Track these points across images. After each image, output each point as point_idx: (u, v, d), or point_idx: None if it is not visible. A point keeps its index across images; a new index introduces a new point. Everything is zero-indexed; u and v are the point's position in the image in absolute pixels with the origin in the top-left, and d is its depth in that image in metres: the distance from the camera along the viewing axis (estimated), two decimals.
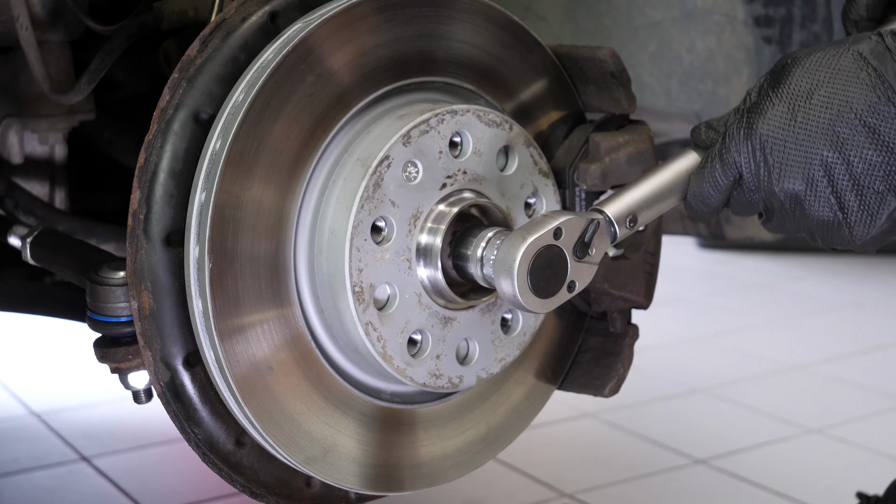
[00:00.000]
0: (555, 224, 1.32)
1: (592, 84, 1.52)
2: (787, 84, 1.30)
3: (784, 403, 3.30)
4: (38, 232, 1.59)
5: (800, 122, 1.28)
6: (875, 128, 1.26)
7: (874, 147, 1.26)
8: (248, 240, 1.29)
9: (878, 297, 4.54)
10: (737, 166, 1.32)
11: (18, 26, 1.66)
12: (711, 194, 1.35)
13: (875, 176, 1.27)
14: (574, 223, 1.34)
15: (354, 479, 1.40)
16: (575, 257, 1.34)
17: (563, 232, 1.33)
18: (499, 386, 1.52)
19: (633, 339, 1.57)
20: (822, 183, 1.28)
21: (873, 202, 1.28)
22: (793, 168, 1.29)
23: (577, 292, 1.36)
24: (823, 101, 1.27)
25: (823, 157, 1.27)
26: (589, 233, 1.34)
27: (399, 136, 1.32)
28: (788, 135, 1.29)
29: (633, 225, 1.37)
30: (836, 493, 2.54)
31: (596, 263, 1.36)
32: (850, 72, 1.27)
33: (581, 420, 3.14)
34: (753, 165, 1.31)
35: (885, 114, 1.25)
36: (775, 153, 1.29)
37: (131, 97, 2.07)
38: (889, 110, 1.25)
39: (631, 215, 1.37)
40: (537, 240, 1.31)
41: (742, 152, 1.31)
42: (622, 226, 1.36)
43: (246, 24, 1.34)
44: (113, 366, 1.37)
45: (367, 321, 1.32)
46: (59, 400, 3.25)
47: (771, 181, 1.31)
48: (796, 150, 1.28)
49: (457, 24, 1.41)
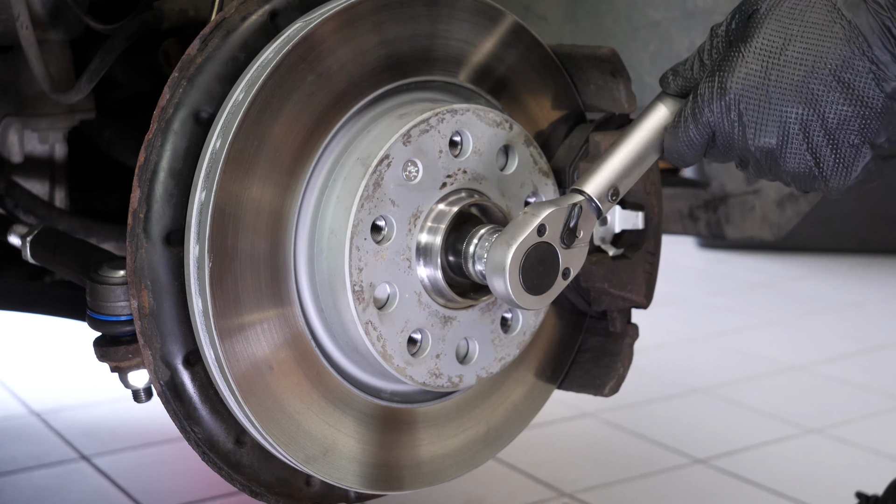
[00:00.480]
0: (537, 222, 1.31)
1: (593, 84, 1.52)
2: (758, 38, 1.28)
3: (784, 403, 3.30)
4: (38, 231, 1.59)
5: (773, 79, 1.26)
6: (849, 82, 1.24)
7: (848, 101, 1.25)
8: (248, 239, 1.29)
9: (878, 296, 4.54)
10: (710, 125, 1.30)
11: (18, 25, 1.66)
12: (686, 152, 1.33)
13: (849, 129, 1.25)
14: (556, 214, 1.33)
15: (354, 478, 1.40)
16: (563, 245, 1.34)
17: (546, 227, 1.32)
18: (499, 385, 1.52)
19: (632, 339, 1.57)
20: (797, 138, 1.27)
21: (848, 155, 1.27)
22: (767, 125, 1.27)
23: (573, 277, 1.36)
24: (796, 57, 1.25)
25: (797, 113, 1.26)
26: (573, 219, 1.34)
27: (399, 135, 1.32)
28: (762, 93, 1.27)
29: (615, 198, 1.36)
30: (836, 493, 2.54)
31: (586, 244, 1.36)
32: (823, 25, 1.25)
33: (581, 420, 3.14)
34: (727, 124, 1.29)
35: (859, 68, 1.24)
36: (749, 111, 1.28)
37: (131, 96, 2.07)
38: (863, 64, 1.23)
39: (611, 188, 1.36)
40: (523, 243, 1.31)
41: (715, 111, 1.29)
42: (605, 201, 1.35)
43: (246, 24, 1.34)
44: (113, 365, 1.37)
45: (366, 320, 1.32)
46: (58, 399, 3.25)
47: (745, 139, 1.29)
48: (770, 107, 1.27)
49: (457, 24, 1.41)
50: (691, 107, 1.32)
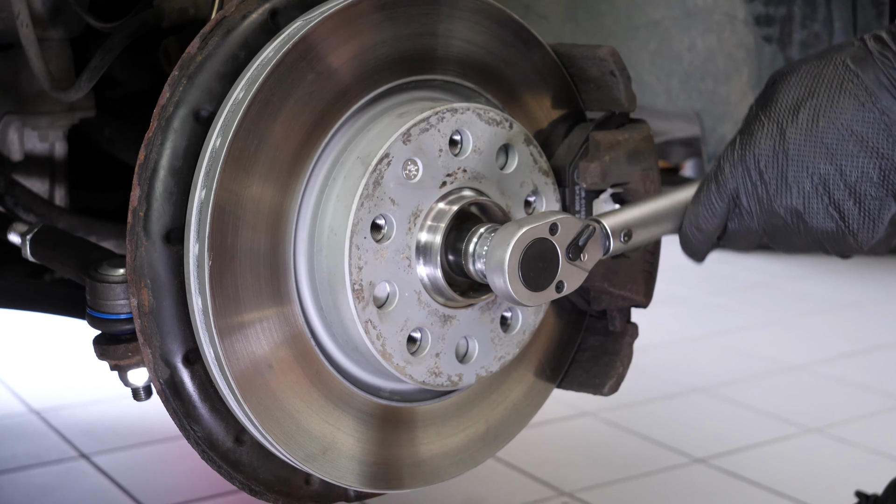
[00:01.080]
0: (552, 219, 1.33)
1: (593, 83, 1.52)
2: (774, 102, 1.31)
3: (783, 403, 3.30)
4: (37, 229, 1.59)
5: (789, 138, 1.29)
6: (863, 135, 1.26)
7: (865, 154, 1.26)
8: (248, 237, 1.29)
9: (877, 296, 4.54)
10: (732, 188, 1.33)
11: (19, 23, 1.66)
12: (707, 219, 1.36)
13: (870, 182, 1.27)
14: (571, 223, 1.35)
15: (354, 476, 1.40)
16: (567, 258, 1.35)
17: (559, 228, 1.34)
18: (498, 384, 1.52)
19: (632, 338, 1.57)
20: (820, 194, 1.29)
21: (873, 207, 1.28)
22: (789, 183, 1.29)
23: (564, 294, 1.36)
24: (810, 115, 1.28)
25: (817, 169, 1.28)
26: (584, 236, 1.35)
27: (399, 134, 1.32)
28: (780, 151, 1.29)
29: (627, 240, 1.38)
30: (836, 493, 2.54)
31: (586, 270, 1.37)
32: (834, 81, 1.27)
33: (580, 419, 3.15)
34: (750, 185, 1.32)
35: (871, 120, 1.25)
36: (769, 170, 1.30)
37: (131, 95, 2.07)
38: (874, 115, 1.25)
39: (626, 230, 1.38)
40: (533, 230, 1.32)
41: (737, 174, 1.32)
42: (616, 238, 1.37)
43: (246, 22, 1.34)
44: (112, 363, 1.37)
45: (366, 319, 1.32)
46: (58, 397, 3.25)
47: (770, 198, 1.31)
48: (789, 165, 1.29)
49: (457, 23, 1.41)
50: (714, 171, 1.35)
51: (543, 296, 1.35)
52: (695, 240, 1.38)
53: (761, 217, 1.33)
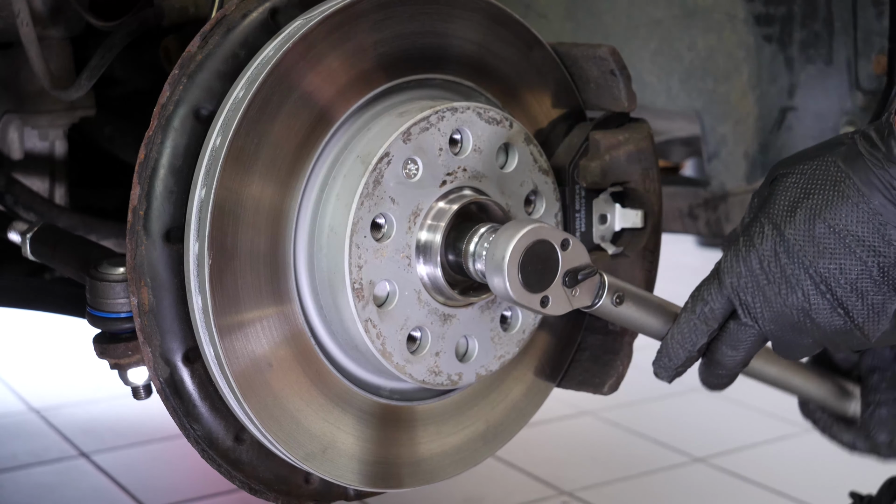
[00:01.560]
0: (568, 236, 1.34)
1: (593, 82, 1.52)
2: (772, 204, 1.32)
3: (783, 402, 3.28)
4: (37, 228, 1.59)
5: (788, 238, 1.30)
6: (858, 235, 1.28)
7: (864, 252, 1.28)
8: (248, 236, 1.29)
9: None
10: (733, 292, 1.34)
11: (19, 22, 1.66)
12: (702, 319, 1.37)
13: (871, 279, 1.29)
14: (580, 252, 1.35)
15: (353, 475, 1.40)
16: (564, 283, 1.35)
17: (570, 245, 1.34)
18: (498, 383, 1.52)
19: (632, 337, 1.57)
20: (823, 292, 1.30)
21: (876, 302, 1.30)
22: (792, 284, 1.30)
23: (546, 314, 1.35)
24: (807, 216, 1.29)
25: (818, 268, 1.29)
26: (585, 272, 1.35)
27: (399, 133, 1.32)
28: (781, 252, 1.30)
29: (618, 303, 1.39)
30: (835, 492, 2.54)
31: (570, 307, 1.37)
32: (828, 182, 1.29)
33: (580, 418, 3.15)
34: (753, 286, 1.32)
35: (865, 219, 1.27)
36: (772, 270, 1.31)
37: (132, 93, 2.07)
38: (867, 215, 1.27)
39: (620, 295, 1.39)
40: (544, 230, 1.31)
41: (737, 272, 1.33)
42: (610, 295, 1.38)
43: (246, 21, 1.34)
44: (112, 362, 1.37)
45: (366, 318, 1.32)
46: (58, 396, 3.25)
47: (776, 300, 1.31)
48: (791, 264, 1.30)
49: (457, 22, 1.41)
50: (714, 270, 1.36)
51: (531, 300, 1.34)
52: (675, 353, 1.39)
53: (766, 317, 1.33)
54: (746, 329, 1.35)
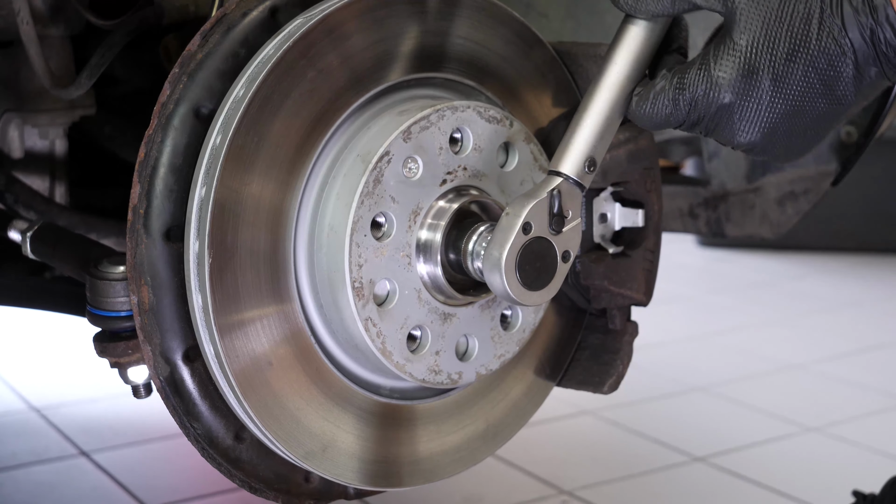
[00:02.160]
0: (519, 223, 1.31)
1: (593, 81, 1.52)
2: (746, 33, 1.27)
3: (783, 402, 3.30)
4: (38, 226, 1.59)
5: (763, 75, 1.27)
6: (831, 84, 1.26)
7: (828, 102, 1.26)
8: (248, 235, 1.29)
9: (877, 295, 4.54)
10: (692, 109, 1.29)
11: (19, 21, 1.66)
12: (655, 123, 1.32)
13: (821, 125, 1.28)
14: (538, 207, 1.32)
15: (353, 474, 1.40)
16: (554, 232, 1.34)
17: (532, 224, 1.32)
18: (498, 382, 1.52)
19: (632, 337, 1.57)
20: (780, 137, 1.29)
21: (808, 143, 1.30)
22: (756, 124, 1.28)
23: (574, 258, 1.35)
24: (783, 57, 1.26)
25: (783, 107, 1.27)
26: (556, 205, 1.33)
27: (399, 132, 1.32)
28: (754, 94, 1.27)
29: (592, 168, 1.34)
30: (835, 492, 2.54)
31: (579, 221, 1.35)
32: (808, 20, 1.25)
33: (580, 417, 3.15)
34: (713, 119, 1.29)
35: (843, 70, 1.25)
36: (740, 111, 1.28)
37: (132, 92, 2.07)
38: (847, 66, 1.24)
39: (587, 160, 1.34)
40: (512, 247, 1.30)
41: (701, 101, 1.29)
42: (583, 176, 1.34)
43: (247, 20, 1.34)
44: (112, 360, 1.37)
45: (366, 317, 1.32)
46: (58, 395, 3.25)
47: (733, 134, 1.29)
48: (761, 108, 1.28)
49: (458, 21, 1.41)
50: (674, 89, 1.30)
51: (555, 283, 1.34)
52: (641, 124, 1.34)
53: (713, 138, 1.32)
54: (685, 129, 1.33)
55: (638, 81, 1.34)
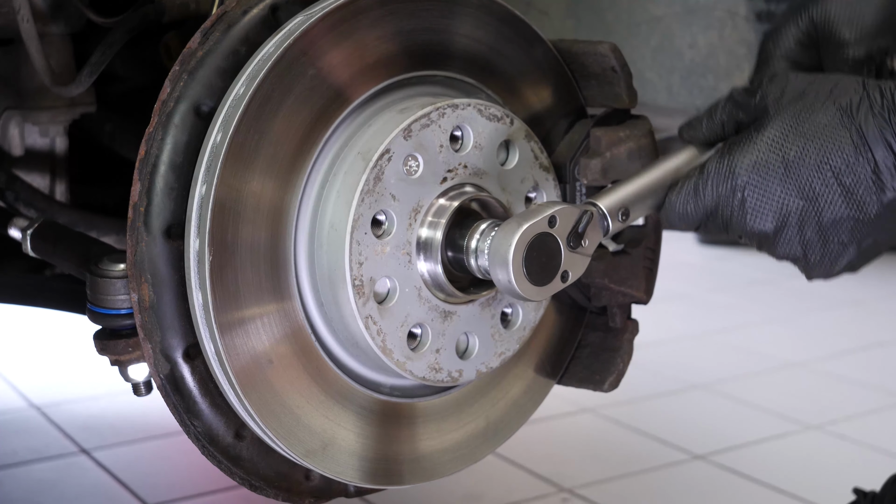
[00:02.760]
0: (550, 212, 1.33)
1: (594, 79, 1.52)
2: (770, 130, 1.32)
3: (783, 400, 3.30)
4: (38, 224, 1.59)
5: (779, 173, 1.31)
6: (849, 187, 1.29)
7: (846, 204, 1.29)
8: (249, 233, 1.29)
9: (877, 294, 4.55)
10: (711, 204, 1.35)
11: (20, 18, 1.66)
12: (679, 221, 1.38)
13: (842, 230, 1.31)
14: (568, 213, 1.35)
15: (353, 472, 1.40)
16: (569, 247, 1.35)
17: (557, 220, 1.34)
18: (498, 380, 1.52)
19: (632, 335, 1.57)
20: (793, 230, 1.32)
21: (835, 252, 1.32)
22: (767, 214, 1.32)
23: (570, 283, 1.37)
24: (803, 155, 1.30)
25: (797, 207, 1.31)
26: (582, 223, 1.35)
27: (400, 129, 1.32)
28: (767, 183, 1.31)
29: (625, 219, 1.39)
30: (835, 490, 2.54)
31: (589, 255, 1.37)
32: (831, 127, 1.29)
33: (580, 415, 3.15)
34: (729, 207, 1.34)
35: (861, 175, 1.28)
36: (752, 198, 1.32)
37: (132, 90, 2.07)
38: (865, 172, 1.28)
39: (623, 209, 1.39)
40: (533, 226, 1.31)
41: (719, 192, 1.34)
42: (615, 219, 1.38)
43: (247, 17, 1.34)
44: (113, 358, 1.37)
45: (366, 315, 1.32)
46: (58, 392, 3.25)
47: (745, 222, 1.34)
48: (773, 198, 1.32)
49: (458, 19, 1.41)
50: (695, 181, 1.36)
51: (549, 288, 1.35)
52: (666, 224, 1.41)
53: (731, 231, 1.36)
54: (712, 231, 1.38)
55: None
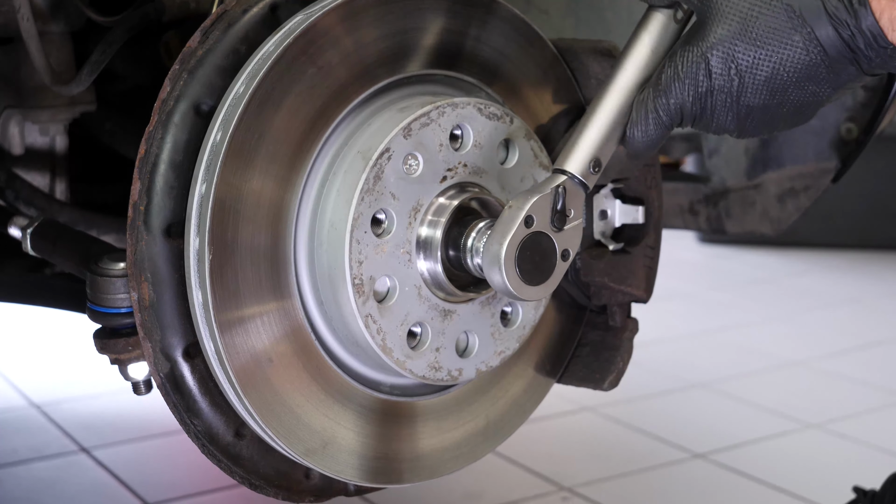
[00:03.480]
0: (522, 215, 1.31)
1: (594, 78, 1.52)
2: (718, 31, 1.26)
3: (783, 398, 3.30)
4: (38, 223, 1.59)
5: (736, 80, 1.27)
6: (807, 87, 1.26)
7: (805, 96, 1.27)
8: (249, 231, 1.29)
9: (877, 292, 4.55)
10: (670, 120, 1.30)
11: (20, 17, 1.66)
12: (647, 151, 1.33)
13: (805, 112, 1.29)
14: (541, 202, 1.32)
15: (353, 471, 1.40)
16: (555, 229, 1.34)
17: (534, 218, 1.32)
18: (498, 379, 1.52)
19: (632, 333, 1.57)
20: (756, 120, 1.30)
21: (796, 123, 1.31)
22: (729, 115, 1.29)
23: (574, 257, 1.35)
24: (756, 63, 1.26)
25: (759, 102, 1.27)
26: (559, 202, 1.34)
27: (400, 128, 1.32)
28: (728, 86, 1.27)
29: (597, 169, 1.35)
30: (835, 488, 2.54)
31: (580, 220, 1.35)
32: (783, 32, 1.24)
33: (580, 414, 3.15)
34: (691, 115, 1.30)
35: (819, 76, 1.25)
36: (717, 105, 1.29)
37: (132, 89, 2.07)
38: (822, 73, 1.25)
39: (592, 160, 1.34)
40: (512, 240, 1.30)
41: (682, 104, 1.30)
42: (588, 175, 1.34)
43: (247, 16, 1.34)
44: (113, 357, 1.37)
45: (366, 313, 1.32)
46: (58, 391, 3.25)
47: (711, 125, 1.31)
48: (735, 100, 1.28)
49: (457, 17, 1.41)
50: (653, 98, 1.31)
51: (552, 280, 1.34)
52: (639, 153, 1.35)
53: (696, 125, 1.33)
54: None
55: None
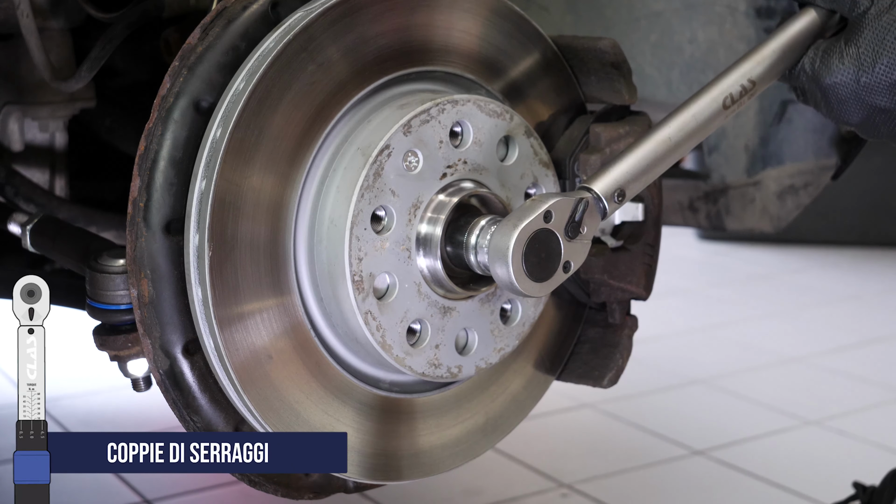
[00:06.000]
0: (544, 207, 1.32)
1: (593, 75, 1.52)
2: (857, 45, 1.41)
3: (783, 395, 3.30)
4: (38, 219, 1.59)
5: (862, 83, 1.41)
6: None
7: None
8: (248, 228, 1.29)
9: (877, 289, 4.55)
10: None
11: (19, 13, 1.66)
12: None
13: None
14: (563, 204, 1.34)
15: (353, 467, 1.40)
16: (567, 237, 1.34)
17: (553, 214, 1.33)
18: (498, 376, 1.52)
19: (631, 330, 1.57)
20: (875, 120, 1.43)
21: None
22: (851, 110, 1.44)
23: (573, 272, 1.36)
24: (884, 70, 1.39)
25: (879, 105, 1.41)
26: (579, 212, 1.34)
27: (400, 125, 1.32)
28: (851, 90, 1.42)
29: (621, 199, 1.37)
30: (834, 485, 2.54)
31: (589, 241, 1.36)
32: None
33: (580, 410, 3.15)
34: (814, 101, 1.45)
35: None
36: (836, 101, 1.43)
37: (132, 85, 2.07)
38: None
39: (618, 190, 1.37)
40: (528, 225, 1.31)
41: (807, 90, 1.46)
42: (611, 201, 1.37)
43: (247, 13, 1.34)
44: (112, 353, 1.37)
45: (366, 310, 1.32)
46: (58, 388, 3.25)
47: (830, 115, 1.45)
48: (857, 100, 1.42)
49: (458, 14, 1.41)
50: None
51: (551, 282, 1.34)
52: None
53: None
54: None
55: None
